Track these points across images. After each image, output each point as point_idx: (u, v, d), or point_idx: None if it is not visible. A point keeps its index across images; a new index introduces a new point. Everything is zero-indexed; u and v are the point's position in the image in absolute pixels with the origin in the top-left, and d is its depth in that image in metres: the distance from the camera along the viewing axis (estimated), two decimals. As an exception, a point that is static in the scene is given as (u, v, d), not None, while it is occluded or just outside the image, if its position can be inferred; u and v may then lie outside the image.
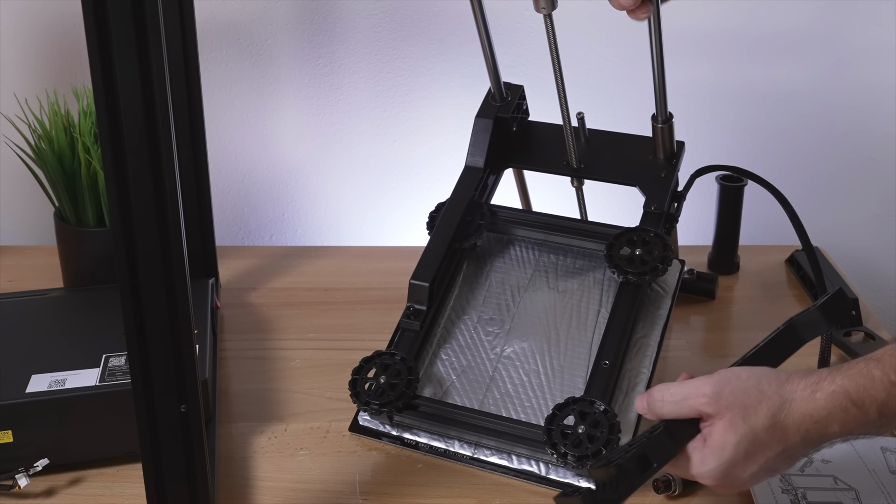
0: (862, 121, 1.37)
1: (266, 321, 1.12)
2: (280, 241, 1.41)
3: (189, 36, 1.03)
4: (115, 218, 0.60)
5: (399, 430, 0.91)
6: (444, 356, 0.95)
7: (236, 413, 0.96)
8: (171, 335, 0.63)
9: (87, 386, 0.84)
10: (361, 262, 1.26)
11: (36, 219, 1.32)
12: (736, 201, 1.20)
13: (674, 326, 1.10)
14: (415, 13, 1.29)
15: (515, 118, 1.04)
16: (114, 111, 0.57)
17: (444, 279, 0.97)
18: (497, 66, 1.01)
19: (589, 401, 0.85)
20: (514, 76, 1.05)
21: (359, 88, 1.33)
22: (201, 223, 1.11)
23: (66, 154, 1.04)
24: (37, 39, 1.27)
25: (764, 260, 1.26)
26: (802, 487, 0.84)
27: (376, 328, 1.07)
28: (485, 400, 0.91)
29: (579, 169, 1.03)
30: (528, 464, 0.87)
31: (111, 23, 0.55)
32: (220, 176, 1.35)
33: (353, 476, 0.87)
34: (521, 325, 0.96)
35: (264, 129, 1.35)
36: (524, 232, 1.02)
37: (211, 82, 1.29)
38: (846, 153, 1.39)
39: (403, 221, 1.38)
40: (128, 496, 0.83)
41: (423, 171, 1.37)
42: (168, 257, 0.61)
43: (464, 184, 1.01)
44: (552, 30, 0.94)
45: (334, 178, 1.38)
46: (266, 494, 0.85)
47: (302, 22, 1.29)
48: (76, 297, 1.03)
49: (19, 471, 0.82)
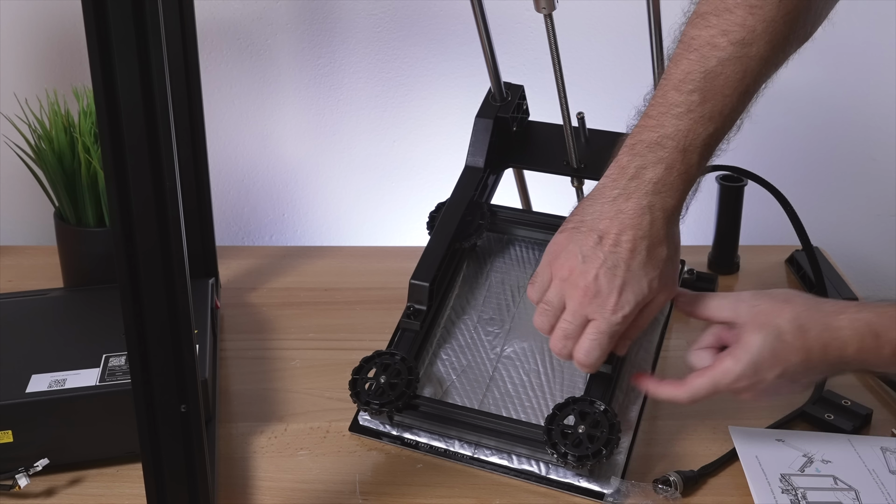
0: (862, 121, 1.37)
1: (266, 321, 1.12)
2: (280, 241, 1.41)
3: (189, 36, 1.03)
4: (115, 218, 0.60)
5: (399, 430, 0.91)
6: (444, 356, 0.95)
7: (236, 413, 0.96)
8: (171, 335, 0.63)
9: (87, 386, 0.84)
10: (361, 262, 1.26)
11: (36, 219, 1.32)
12: (736, 201, 1.20)
13: (674, 326, 1.10)
14: (415, 13, 1.29)
15: (515, 118, 1.04)
16: (114, 111, 0.57)
17: (444, 279, 0.97)
18: (497, 66, 1.01)
19: (589, 400, 0.85)
20: (514, 76, 1.05)
21: (359, 88, 1.33)
22: (201, 223, 1.11)
23: (66, 154, 1.04)
24: (37, 39, 1.27)
25: (764, 260, 1.26)
26: (802, 487, 0.84)
27: (376, 328, 1.07)
28: (485, 400, 0.91)
29: (579, 169, 1.03)
30: (528, 464, 0.87)
31: (111, 23, 0.55)
32: (220, 176, 1.35)
33: (353, 476, 0.87)
34: (522, 325, 0.96)
35: (264, 129, 1.35)
36: (524, 232, 1.02)
37: (211, 82, 1.29)
38: (846, 153, 1.39)
39: (403, 221, 1.38)
40: (128, 496, 0.83)
41: (423, 171, 1.37)
42: (168, 257, 0.61)
43: (464, 184, 1.01)
44: (552, 30, 0.94)
45: (334, 178, 1.38)
46: (266, 494, 0.85)
47: (302, 22, 1.29)
48: (76, 297, 1.03)
49: (19, 471, 0.82)
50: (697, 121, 0.77)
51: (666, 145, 0.77)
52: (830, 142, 1.38)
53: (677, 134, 0.77)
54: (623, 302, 0.79)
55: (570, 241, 0.81)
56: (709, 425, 0.94)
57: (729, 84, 0.77)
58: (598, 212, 0.80)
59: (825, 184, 1.40)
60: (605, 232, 0.79)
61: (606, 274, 0.79)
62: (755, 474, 0.85)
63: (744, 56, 0.76)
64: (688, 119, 0.77)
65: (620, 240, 0.78)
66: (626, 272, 0.78)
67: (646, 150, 0.78)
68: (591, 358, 0.82)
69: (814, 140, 1.37)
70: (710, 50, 0.77)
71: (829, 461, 0.87)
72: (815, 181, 1.39)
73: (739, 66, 0.76)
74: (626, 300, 0.79)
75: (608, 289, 0.79)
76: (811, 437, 0.91)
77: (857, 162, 1.39)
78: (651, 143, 0.78)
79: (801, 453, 0.88)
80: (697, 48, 0.77)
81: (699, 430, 0.93)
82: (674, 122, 0.77)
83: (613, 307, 0.79)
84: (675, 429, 0.93)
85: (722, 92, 0.77)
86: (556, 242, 0.83)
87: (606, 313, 0.79)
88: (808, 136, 1.37)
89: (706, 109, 0.77)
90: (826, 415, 0.94)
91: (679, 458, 0.89)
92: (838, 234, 1.40)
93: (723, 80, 0.76)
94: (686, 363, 0.84)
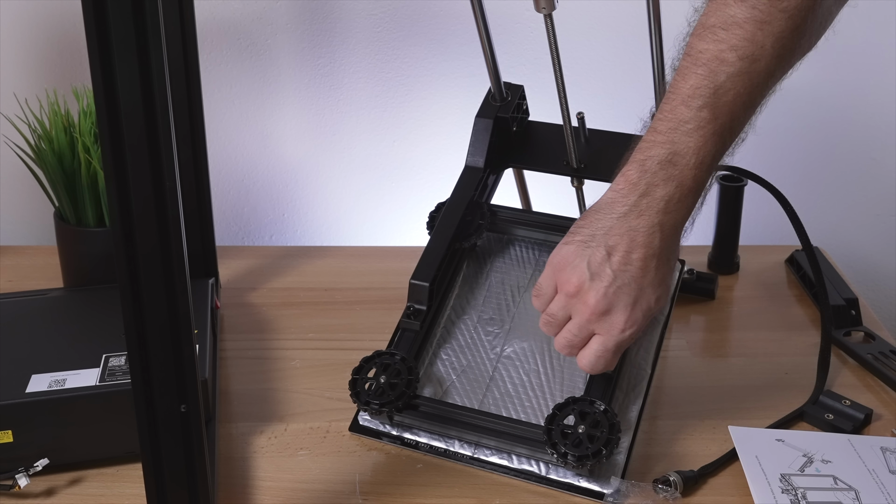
0: (862, 121, 1.37)
1: (266, 321, 1.12)
2: (280, 241, 1.41)
3: (189, 36, 1.03)
4: (115, 218, 0.60)
5: (399, 430, 0.91)
6: (444, 356, 0.95)
7: (236, 413, 0.96)
8: (171, 335, 0.63)
9: (87, 386, 0.84)
10: (361, 262, 1.26)
11: (36, 219, 1.32)
12: (736, 201, 1.20)
13: (674, 326, 1.10)
14: (415, 13, 1.29)
15: (515, 118, 1.04)
16: (114, 111, 0.57)
17: (444, 279, 0.97)
18: (497, 66, 1.01)
19: (589, 400, 0.85)
20: (514, 76, 1.05)
21: (359, 88, 1.33)
22: (201, 223, 1.11)
23: (66, 154, 1.04)
24: (37, 39, 1.27)
25: (764, 260, 1.26)
26: (802, 487, 0.84)
27: (376, 328, 1.07)
28: (485, 400, 0.91)
29: (579, 169, 1.03)
30: (528, 464, 0.87)
31: (111, 23, 0.55)
32: (220, 176, 1.35)
33: (353, 476, 0.87)
34: (521, 325, 0.96)
35: (264, 129, 1.35)
36: (524, 232, 1.02)
37: (211, 82, 1.29)
38: (846, 153, 1.39)
39: (403, 221, 1.38)
40: (128, 496, 0.83)
41: (423, 171, 1.37)
42: (168, 257, 0.61)
43: (464, 184, 1.01)
44: (552, 30, 0.94)
45: (334, 178, 1.38)
46: (266, 494, 0.85)
47: (302, 22, 1.29)
48: (76, 297, 1.03)
49: (19, 471, 0.82)
50: (708, 138, 0.77)
51: (677, 163, 0.77)
52: (830, 142, 1.38)
53: (688, 151, 0.77)
54: (632, 320, 0.79)
55: (577, 256, 0.80)
56: (709, 425, 0.94)
57: (738, 100, 0.76)
58: (608, 227, 0.80)
59: (825, 184, 1.40)
60: (614, 249, 0.79)
61: (617, 293, 0.79)
62: (755, 474, 0.85)
63: (752, 71, 0.76)
64: (698, 136, 0.77)
65: (631, 258, 0.78)
66: (637, 291, 0.78)
67: (657, 168, 0.78)
68: (595, 369, 0.83)
69: (814, 140, 1.37)
70: (718, 65, 0.76)
71: (829, 461, 0.87)
72: (815, 181, 1.39)
73: (748, 81, 0.76)
74: (636, 318, 0.79)
75: (618, 308, 0.79)
76: (811, 437, 0.91)
77: (857, 162, 1.39)
78: (662, 160, 0.77)
79: (801, 453, 0.88)
80: (706, 63, 0.77)
81: (699, 430, 0.93)
82: (684, 140, 0.77)
83: (622, 326, 0.79)
84: (675, 429, 0.93)
85: (731, 108, 0.77)
86: (562, 255, 0.82)
87: (615, 332, 0.80)
88: (808, 136, 1.37)
89: (716, 126, 0.77)
90: (826, 415, 0.94)
91: (679, 458, 0.89)
92: (838, 234, 1.40)
93: (732, 95, 0.76)
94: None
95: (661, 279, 0.80)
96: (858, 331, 1.08)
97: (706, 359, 1.06)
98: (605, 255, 0.79)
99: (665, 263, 0.80)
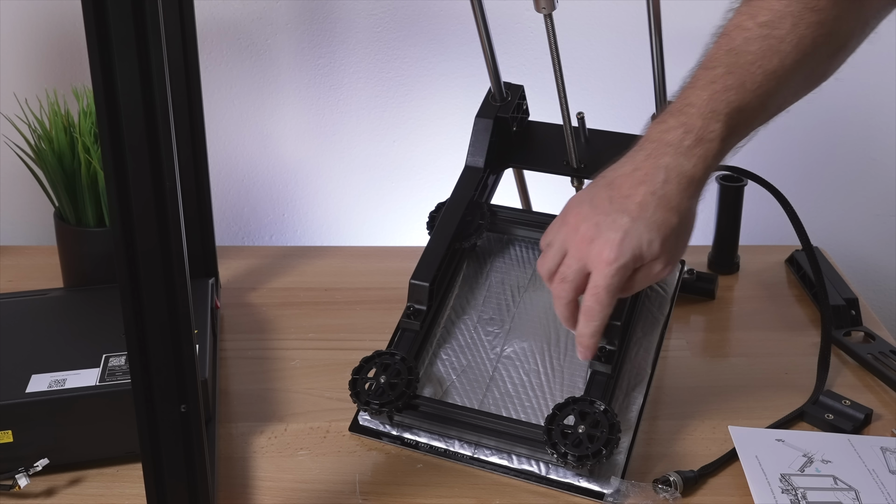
0: (861, 121, 1.37)
1: (266, 321, 1.12)
2: (280, 241, 1.41)
3: (189, 36, 1.03)
4: (115, 218, 0.60)
5: (399, 430, 0.91)
6: (444, 356, 0.95)
7: (236, 413, 0.96)
8: (171, 335, 0.63)
9: (87, 386, 0.84)
10: (361, 262, 1.26)
11: (36, 219, 1.32)
12: (736, 201, 1.20)
13: (674, 326, 1.10)
14: (415, 13, 1.29)
15: (515, 118, 1.04)
16: (114, 111, 0.57)
17: (444, 279, 0.97)
18: (497, 66, 1.01)
19: (589, 400, 0.85)
20: (514, 76, 1.05)
21: (359, 88, 1.33)
22: (201, 223, 1.11)
23: (66, 154, 1.04)
24: (37, 39, 1.27)
25: (764, 260, 1.26)
26: (802, 487, 0.84)
27: (376, 328, 1.07)
28: (485, 400, 0.91)
29: (579, 169, 1.03)
30: (528, 464, 0.87)
31: (111, 23, 0.55)
32: (220, 176, 1.35)
33: (353, 476, 0.87)
34: (521, 325, 0.96)
35: (264, 129, 1.35)
36: (524, 232, 1.02)
37: (211, 82, 1.29)
38: (846, 153, 1.39)
39: (403, 221, 1.38)
40: (128, 496, 0.83)
41: (423, 171, 1.37)
42: (168, 257, 0.61)
43: (464, 184, 1.01)
44: (552, 30, 0.94)
45: (334, 178, 1.38)
46: (266, 494, 0.85)
47: (302, 22, 1.29)
48: (76, 297, 1.03)
49: (19, 471, 0.82)
50: (719, 90, 0.78)
51: (687, 112, 0.79)
52: (830, 142, 1.38)
53: (699, 101, 0.79)
54: (620, 254, 0.79)
55: (586, 193, 0.83)
56: (709, 425, 0.94)
57: (755, 61, 0.78)
58: (616, 168, 0.82)
59: (825, 184, 1.40)
60: (618, 184, 0.80)
61: (608, 222, 0.79)
62: (755, 474, 0.85)
63: (769, 36, 0.78)
64: (710, 89, 0.79)
65: (631, 193, 0.79)
66: (629, 224, 0.78)
67: (668, 117, 0.80)
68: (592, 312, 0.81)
69: (813, 140, 1.37)
70: (737, 32, 0.80)
71: (829, 461, 0.87)
72: (815, 181, 1.39)
73: (765, 44, 0.78)
74: (624, 252, 0.79)
75: (607, 236, 0.79)
76: (811, 437, 0.91)
77: (857, 162, 1.39)
78: (674, 111, 0.80)
79: (801, 453, 0.88)
80: (726, 33, 0.80)
81: (699, 430, 0.93)
82: (697, 93, 0.79)
83: (608, 257, 0.79)
84: (675, 429, 0.93)
85: (747, 68, 0.78)
86: (575, 196, 0.86)
87: (602, 264, 0.79)
88: (808, 136, 1.37)
89: (729, 80, 0.78)
90: (826, 415, 0.94)
91: (679, 458, 0.89)
92: (838, 234, 1.40)
93: (747, 55, 0.78)
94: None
95: (658, 223, 0.79)
96: (858, 331, 1.08)
97: (706, 359, 1.06)
98: (609, 189, 0.81)
99: (668, 212, 0.79)
